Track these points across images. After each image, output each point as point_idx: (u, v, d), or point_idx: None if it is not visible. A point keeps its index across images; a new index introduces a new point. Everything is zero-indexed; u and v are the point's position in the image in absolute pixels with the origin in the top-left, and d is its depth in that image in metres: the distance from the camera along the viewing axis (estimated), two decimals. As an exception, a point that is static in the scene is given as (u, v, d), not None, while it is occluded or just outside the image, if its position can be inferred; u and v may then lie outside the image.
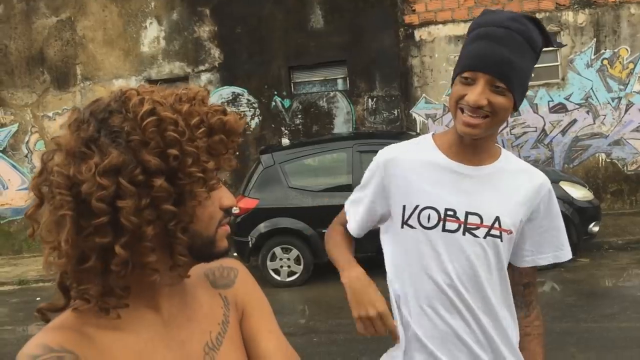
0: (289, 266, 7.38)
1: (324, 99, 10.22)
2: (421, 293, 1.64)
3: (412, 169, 1.65)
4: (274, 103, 10.27)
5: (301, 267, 7.32)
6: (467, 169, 1.60)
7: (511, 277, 1.66)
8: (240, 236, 7.39)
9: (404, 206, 1.64)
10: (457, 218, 1.59)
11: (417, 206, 1.62)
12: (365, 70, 9.95)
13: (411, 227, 1.63)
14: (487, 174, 1.60)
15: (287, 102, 10.25)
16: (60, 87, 10.82)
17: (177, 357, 1.00)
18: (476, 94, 1.46)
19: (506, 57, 1.46)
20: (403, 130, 9.74)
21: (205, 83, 10.38)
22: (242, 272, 1.19)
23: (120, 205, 0.85)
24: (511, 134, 9.71)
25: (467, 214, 1.58)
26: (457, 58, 1.58)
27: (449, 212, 1.59)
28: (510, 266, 1.67)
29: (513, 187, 1.61)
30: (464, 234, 1.58)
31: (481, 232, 1.58)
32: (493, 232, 1.57)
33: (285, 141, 8.06)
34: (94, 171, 0.84)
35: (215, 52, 10.38)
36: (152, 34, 10.56)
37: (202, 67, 10.44)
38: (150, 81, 10.51)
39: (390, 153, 1.71)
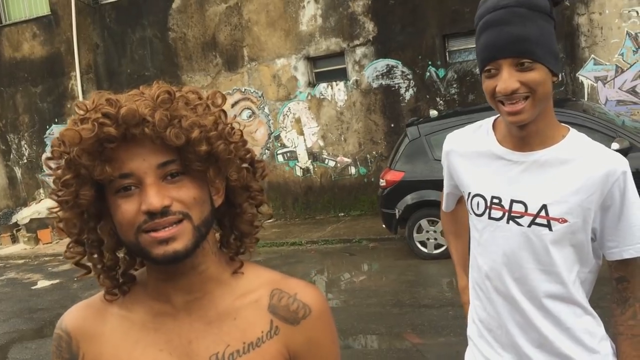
0: (435, 239, 7.35)
1: (481, 67, 9.83)
2: (474, 276, 1.74)
3: (467, 157, 1.71)
4: (428, 73, 10.15)
5: (448, 239, 7.25)
6: (516, 155, 1.57)
7: (608, 271, 1.60)
8: (387, 208, 7.53)
9: (464, 192, 1.74)
10: (502, 206, 1.59)
11: (469, 193, 1.69)
12: (525, 34, 9.34)
13: (469, 213, 1.71)
14: (537, 160, 1.54)
15: (441, 72, 10.06)
16: (230, 68, 11.73)
17: (176, 352, 0.99)
18: (504, 80, 1.44)
19: (517, 34, 1.43)
20: (567, 97, 9.05)
21: (360, 57, 10.57)
22: (315, 317, 1.02)
23: None
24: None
25: (512, 202, 1.58)
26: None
27: (495, 200, 1.61)
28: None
29: (570, 173, 1.51)
30: (507, 222, 1.58)
31: (525, 220, 1.55)
32: (539, 220, 1.53)
33: (434, 112, 7.92)
34: None
35: (369, 26, 10.49)
36: (309, 13, 10.95)
37: (356, 42, 10.63)
38: (309, 59, 10.96)
39: (450, 142, 1.79)
